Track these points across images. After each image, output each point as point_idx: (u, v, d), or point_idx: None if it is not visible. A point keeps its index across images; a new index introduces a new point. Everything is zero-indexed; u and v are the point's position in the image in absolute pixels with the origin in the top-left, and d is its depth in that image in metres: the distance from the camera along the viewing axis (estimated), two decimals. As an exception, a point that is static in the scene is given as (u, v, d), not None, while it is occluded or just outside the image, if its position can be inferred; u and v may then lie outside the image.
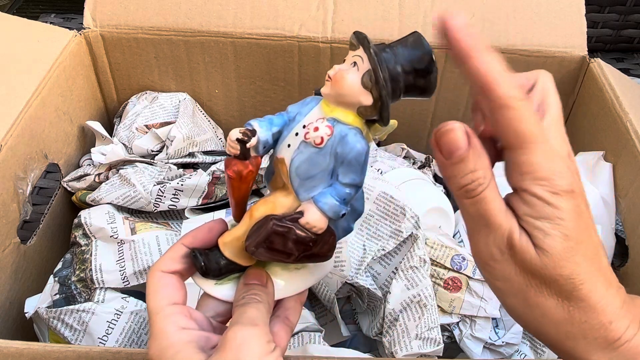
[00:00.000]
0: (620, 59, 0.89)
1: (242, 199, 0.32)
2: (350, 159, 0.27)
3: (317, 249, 0.29)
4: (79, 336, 0.45)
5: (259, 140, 0.30)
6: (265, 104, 0.64)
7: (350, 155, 0.27)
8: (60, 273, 0.49)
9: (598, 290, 0.25)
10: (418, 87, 0.28)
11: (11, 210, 0.48)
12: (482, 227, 0.25)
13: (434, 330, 0.44)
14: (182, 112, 0.59)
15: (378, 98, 0.27)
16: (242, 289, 0.31)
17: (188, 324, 0.29)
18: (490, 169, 0.25)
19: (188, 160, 0.58)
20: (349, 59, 0.28)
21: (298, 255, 0.29)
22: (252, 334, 0.28)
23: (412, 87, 0.28)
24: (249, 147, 0.29)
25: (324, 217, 0.28)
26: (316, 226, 0.28)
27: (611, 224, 0.51)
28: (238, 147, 0.29)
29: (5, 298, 0.48)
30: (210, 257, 0.31)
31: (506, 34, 0.58)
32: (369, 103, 0.28)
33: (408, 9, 0.58)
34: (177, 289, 0.31)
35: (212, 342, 0.29)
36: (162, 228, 0.50)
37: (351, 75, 0.27)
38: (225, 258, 0.31)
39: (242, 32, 0.58)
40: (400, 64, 0.28)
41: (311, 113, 0.29)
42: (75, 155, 0.59)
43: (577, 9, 0.58)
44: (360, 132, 0.28)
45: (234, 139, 0.29)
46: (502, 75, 0.24)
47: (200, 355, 0.28)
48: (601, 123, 0.55)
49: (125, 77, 0.63)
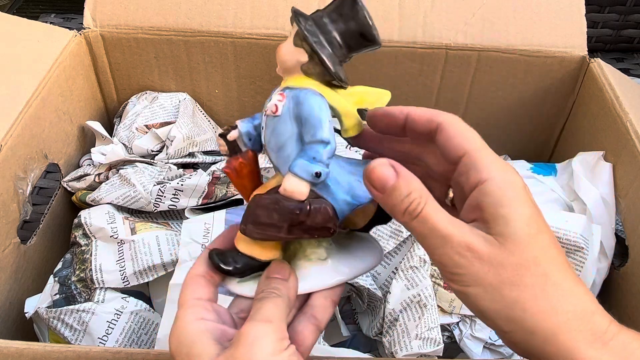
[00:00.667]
0: (620, 59, 0.89)
1: (249, 195, 0.32)
2: (306, 116, 0.28)
3: (310, 220, 0.28)
4: (79, 336, 0.45)
5: (241, 132, 0.31)
6: (265, 104, 0.64)
7: (305, 111, 0.28)
8: (60, 273, 0.49)
9: (572, 277, 0.25)
10: (353, 31, 0.29)
11: (11, 210, 0.48)
12: (436, 240, 0.26)
13: (434, 330, 0.44)
14: (182, 112, 0.59)
15: (310, 49, 0.28)
16: (264, 282, 0.31)
17: (206, 316, 0.30)
18: (424, 188, 0.26)
19: (188, 160, 0.58)
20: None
21: (289, 227, 0.28)
22: (265, 330, 0.27)
23: (348, 34, 0.29)
24: (231, 140, 0.31)
25: (299, 180, 0.28)
26: (294, 190, 0.28)
27: (611, 224, 0.51)
28: (224, 142, 0.31)
29: (5, 298, 0.48)
30: (227, 254, 0.31)
31: (506, 34, 0.58)
32: (306, 58, 0.29)
33: (408, 9, 0.58)
34: (203, 287, 0.31)
35: (228, 335, 0.29)
36: (162, 228, 0.50)
37: (285, 43, 0.30)
38: (240, 253, 0.31)
39: (242, 32, 0.58)
40: (327, 14, 0.29)
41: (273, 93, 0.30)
42: (75, 155, 0.59)
43: (577, 9, 0.58)
44: (313, 91, 0.29)
45: (218, 136, 0.30)
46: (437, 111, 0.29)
47: (214, 347, 0.28)
48: (601, 123, 0.55)
49: (125, 77, 0.63)
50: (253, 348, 0.27)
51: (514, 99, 0.62)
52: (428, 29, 0.58)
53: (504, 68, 0.59)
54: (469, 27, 0.58)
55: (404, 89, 0.61)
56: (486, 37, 0.58)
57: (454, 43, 0.58)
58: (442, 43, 0.58)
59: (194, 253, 0.46)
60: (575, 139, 0.61)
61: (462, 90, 0.61)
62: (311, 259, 0.32)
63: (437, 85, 0.61)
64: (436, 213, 0.26)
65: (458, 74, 0.60)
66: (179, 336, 0.29)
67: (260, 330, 0.27)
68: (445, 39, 0.58)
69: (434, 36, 0.58)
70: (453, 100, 0.62)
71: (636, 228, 0.48)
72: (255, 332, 0.27)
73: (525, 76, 0.60)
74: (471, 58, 0.58)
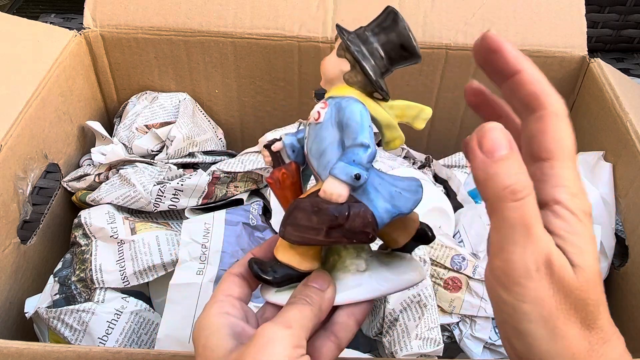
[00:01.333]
0: (620, 59, 0.89)
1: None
2: (347, 121, 0.28)
3: (348, 223, 0.28)
4: (79, 336, 0.45)
5: (285, 144, 0.32)
6: (265, 104, 0.64)
7: (346, 116, 0.28)
8: (60, 273, 0.49)
9: (609, 319, 0.24)
10: (394, 43, 0.30)
11: (11, 210, 0.48)
12: (521, 237, 0.23)
13: (434, 330, 0.44)
14: (182, 112, 0.59)
15: (352, 58, 0.29)
16: (299, 289, 0.30)
17: (231, 311, 0.30)
18: (531, 180, 0.23)
19: (188, 160, 0.58)
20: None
21: (327, 231, 0.28)
22: (281, 334, 0.27)
23: (389, 46, 0.30)
24: (275, 151, 0.32)
25: (339, 182, 0.28)
26: (333, 192, 0.28)
27: (611, 224, 0.51)
28: (268, 153, 0.32)
29: (5, 298, 0.48)
30: (266, 264, 0.31)
31: (506, 34, 0.58)
32: (348, 67, 0.30)
33: (408, 9, 0.58)
34: (237, 286, 0.31)
35: (248, 334, 0.29)
36: (162, 228, 0.50)
37: (328, 56, 0.31)
38: (280, 262, 0.31)
39: (242, 32, 0.58)
40: (369, 29, 0.31)
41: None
42: (75, 155, 0.59)
43: (577, 9, 0.58)
44: (355, 98, 0.29)
45: (263, 147, 0.32)
46: (550, 88, 0.25)
47: (230, 341, 0.28)
48: (601, 123, 0.55)
49: (125, 77, 0.63)
50: (265, 349, 0.26)
51: (514, 99, 0.62)
52: (428, 29, 0.58)
53: (504, 68, 0.59)
54: (469, 27, 0.58)
55: (404, 89, 0.61)
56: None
57: (454, 43, 0.58)
58: (442, 43, 0.58)
59: (194, 253, 0.46)
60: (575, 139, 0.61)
61: (462, 90, 0.61)
62: (350, 270, 0.32)
63: (437, 85, 0.61)
64: (536, 209, 0.23)
65: (458, 74, 0.60)
66: (201, 325, 0.29)
67: (277, 333, 0.27)
68: (445, 39, 0.58)
69: (434, 36, 0.58)
70: (453, 100, 0.62)
71: (636, 228, 0.48)
72: (271, 334, 0.27)
73: (525, 76, 0.60)
74: (471, 58, 0.58)
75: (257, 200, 0.52)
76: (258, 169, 0.52)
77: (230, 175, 0.53)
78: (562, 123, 0.24)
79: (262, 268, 0.31)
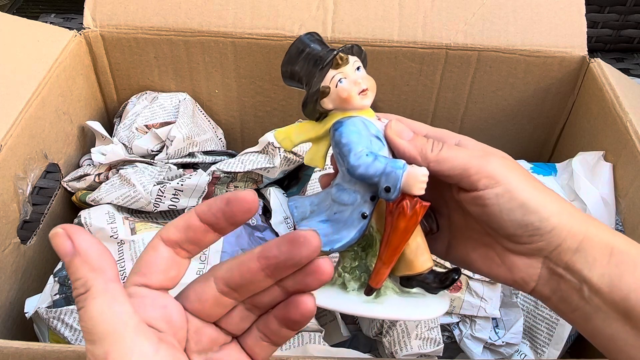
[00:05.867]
0: (620, 59, 0.89)
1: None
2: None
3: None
4: (79, 336, 0.45)
5: None
6: (265, 104, 0.64)
7: None
8: (60, 273, 0.49)
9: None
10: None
11: (11, 210, 0.48)
12: (464, 159, 0.31)
13: (434, 330, 0.44)
14: (182, 112, 0.59)
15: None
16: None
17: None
18: None
19: (188, 160, 0.58)
20: (353, 67, 0.32)
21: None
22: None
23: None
24: None
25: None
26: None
27: (611, 224, 0.51)
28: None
29: (5, 298, 0.48)
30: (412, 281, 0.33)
31: (506, 34, 0.58)
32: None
33: (408, 9, 0.58)
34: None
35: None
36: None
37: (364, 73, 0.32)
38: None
39: (242, 32, 0.58)
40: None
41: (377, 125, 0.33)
42: (75, 155, 0.59)
43: (577, 9, 0.58)
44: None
45: (427, 173, 0.30)
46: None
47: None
48: (601, 123, 0.55)
49: (125, 77, 0.63)
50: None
51: (514, 99, 0.62)
52: (428, 29, 0.58)
53: (504, 68, 0.59)
54: (469, 27, 0.58)
55: (404, 89, 0.61)
56: (486, 37, 0.58)
57: (454, 43, 0.58)
58: (442, 43, 0.58)
59: (194, 253, 0.46)
60: (575, 139, 0.61)
61: (462, 90, 0.61)
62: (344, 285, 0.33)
63: (437, 85, 0.61)
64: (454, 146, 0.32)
65: (458, 74, 0.60)
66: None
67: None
68: (445, 39, 0.58)
69: (434, 36, 0.58)
70: (453, 100, 0.62)
71: (636, 228, 0.48)
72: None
73: (525, 76, 0.60)
74: (471, 58, 0.58)
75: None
76: (258, 169, 0.52)
77: (230, 175, 0.53)
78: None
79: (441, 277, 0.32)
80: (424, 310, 0.32)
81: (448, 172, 0.31)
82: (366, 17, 0.58)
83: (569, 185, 0.54)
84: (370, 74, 0.32)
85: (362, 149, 0.30)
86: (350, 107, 0.31)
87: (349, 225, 0.31)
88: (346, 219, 0.31)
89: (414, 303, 0.32)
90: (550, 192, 0.31)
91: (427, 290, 0.32)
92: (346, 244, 0.31)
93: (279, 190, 0.54)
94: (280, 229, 0.49)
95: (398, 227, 0.30)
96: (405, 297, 0.32)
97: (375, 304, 0.32)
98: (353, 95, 0.31)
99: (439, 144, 0.31)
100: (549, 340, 0.47)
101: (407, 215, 0.29)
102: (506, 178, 0.30)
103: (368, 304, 0.32)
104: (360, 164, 0.30)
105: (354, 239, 0.31)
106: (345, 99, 0.31)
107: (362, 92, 0.31)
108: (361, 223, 0.31)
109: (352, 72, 0.31)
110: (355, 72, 0.31)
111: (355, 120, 0.31)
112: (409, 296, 0.33)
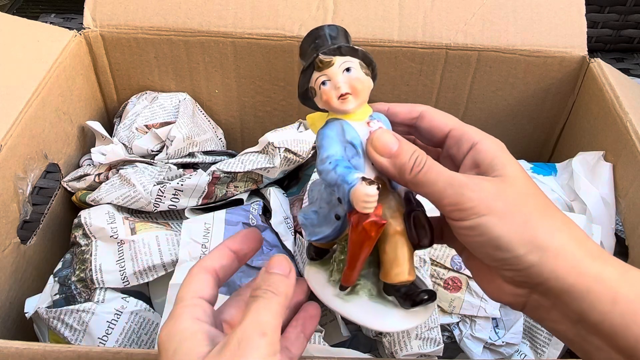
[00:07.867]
0: (620, 59, 0.89)
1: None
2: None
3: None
4: (79, 336, 0.45)
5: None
6: (265, 104, 0.64)
7: None
8: (60, 273, 0.49)
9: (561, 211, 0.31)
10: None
11: (11, 210, 0.48)
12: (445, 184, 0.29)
13: (434, 330, 0.44)
14: (182, 112, 0.59)
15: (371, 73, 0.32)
16: (263, 277, 0.30)
17: (203, 317, 0.29)
18: (422, 150, 0.30)
19: (188, 160, 0.58)
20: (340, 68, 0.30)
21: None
22: (257, 344, 0.26)
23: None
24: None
25: None
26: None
27: (611, 224, 0.51)
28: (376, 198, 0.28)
29: (5, 298, 0.48)
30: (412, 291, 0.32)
31: (506, 34, 0.58)
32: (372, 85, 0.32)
33: (408, 9, 0.58)
34: (207, 285, 0.31)
35: (218, 339, 0.29)
36: (162, 228, 0.50)
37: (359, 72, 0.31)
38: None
39: (242, 32, 0.58)
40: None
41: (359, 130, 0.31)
42: (75, 155, 0.59)
43: (577, 9, 0.58)
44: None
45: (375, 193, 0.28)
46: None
47: (206, 347, 0.27)
48: (601, 123, 0.55)
49: (125, 77, 0.63)
50: (242, 358, 0.26)
51: (514, 99, 0.62)
52: (428, 29, 0.58)
53: (504, 68, 0.59)
54: (469, 27, 0.58)
55: (404, 89, 0.61)
56: (486, 37, 0.58)
57: (454, 43, 0.58)
58: (442, 43, 0.58)
59: (194, 253, 0.46)
60: (575, 139, 0.61)
61: (462, 90, 0.61)
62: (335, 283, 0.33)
63: (437, 85, 0.61)
64: (438, 164, 0.29)
65: (458, 74, 0.60)
66: (170, 332, 0.28)
67: (253, 342, 0.26)
68: (445, 39, 0.58)
69: (434, 36, 0.58)
70: (453, 100, 0.62)
71: (636, 228, 0.48)
72: (247, 342, 0.26)
73: (525, 76, 0.60)
74: (471, 58, 0.58)
75: (257, 200, 0.53)
76: (258, 169, 0.52)
77: (230, 175, 0.53)
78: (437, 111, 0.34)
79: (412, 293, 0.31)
80: (383, 322, 0.32)
81: (425, 196, 0.29)
82: (366, 17, 0.58)
83: (569, 185, 0.54)
84: (370, 74, 0.32)
85: (328, 155, 0.30)
86: (333, 110, 0.31)
87: (327, 222, 0.32)
88: (326, 215, 0.33)
89: (378, 311, 0.32)
90: (544, 222, 0.28)
91: (399, 302, 0.32)
92: (323, 238, 0.33)
93: (279, 190, 0.54)
94: (280, 229, 0.49)
95: (351, 238, 0.30)
96: (375, 303, 0.32)
97: (343, 300, 0.32)
98: (332, 99, 0.30)
99: (420, 164, 0.29)
100: (549, 340, 0.47)
101: (356, 230, 0.29)
102: (481, 210, 0.27)
103: (337, 298, 0.32)
104: (322, 170, 0.30)
105: (330, 237, 0.32)
106: (325, 102, 0.31)
107: (341, 97, 0.30)
108: (335, 223, 0.32)
109: (338, 73, 0.30)
110: (341, 74, 0.30)
111: (334, 124, 0.31)
112: (380, 303, 0.32)
